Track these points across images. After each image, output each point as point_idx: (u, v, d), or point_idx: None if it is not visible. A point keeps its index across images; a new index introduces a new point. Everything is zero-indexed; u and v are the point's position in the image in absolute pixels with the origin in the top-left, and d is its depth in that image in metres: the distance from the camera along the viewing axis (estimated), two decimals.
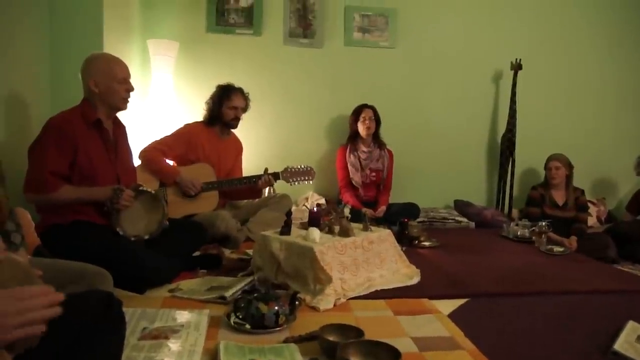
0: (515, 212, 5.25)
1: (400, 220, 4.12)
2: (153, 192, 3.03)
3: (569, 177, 4.68)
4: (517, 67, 5.33)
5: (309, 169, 4.09)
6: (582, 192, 4.73)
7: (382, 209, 4.73)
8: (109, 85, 2.83)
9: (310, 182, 4.12)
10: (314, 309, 2.52)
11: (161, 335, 2.04)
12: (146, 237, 2.94)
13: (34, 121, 3.17)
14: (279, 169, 4.05)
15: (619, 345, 2.14)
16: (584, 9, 5.65)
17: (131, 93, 2.96)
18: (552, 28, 5.62)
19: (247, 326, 2.21)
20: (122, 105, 2.94)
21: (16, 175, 2.72)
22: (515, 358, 2.07)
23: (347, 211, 3.26)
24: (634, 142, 5.67)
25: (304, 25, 5.21)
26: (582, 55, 5.69)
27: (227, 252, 3.57)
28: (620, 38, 5.73)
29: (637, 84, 5.80)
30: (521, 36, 5.56)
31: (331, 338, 2.01)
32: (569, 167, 4.68)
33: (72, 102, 2.90)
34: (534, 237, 4.28)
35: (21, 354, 1.04)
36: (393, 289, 2.89)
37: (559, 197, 4.66)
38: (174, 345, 1.96)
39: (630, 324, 2.38)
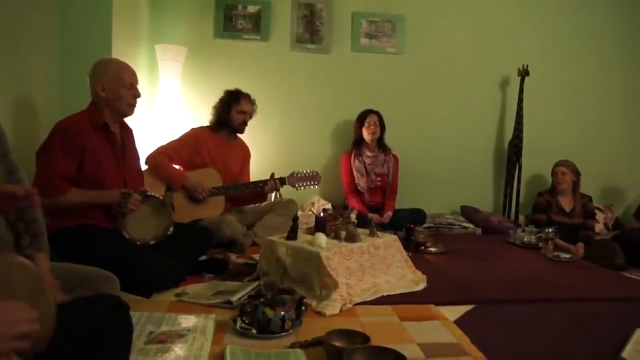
0: (522, 219, 5.24)
1: (407, 225, 4.12)
2: (160, 197, 3.05)
3: (575, 184, 4.69)
4: (524, 73, 5.33)
5: (314, 173, 4.11)
6: (590, 199, 4.73)
7: (389, 214, 4.73)
8: (116, 91, 2.86)
9: (316, 186, 4.15)
10: (320, 314, 2.52)
11: (167, 339, 2.04)
12: (152, 242, 2.95)
13: (42, 125, 3.19)
14: (285, 174, 4.07)
15: (627, 354, 2.13)
16: (591, 16, 5.65)
17: (138, 99, 2.98)
18: (559, 34, 5.62)
19: (253, 331, 2.21)
20: (128, 111, 2.96)
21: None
22: None
23: (353, 216, 3.25)
24: None
25: (311, 31, 5.23)
26: (589, 62, 5.68)
27: (233, 257, 3.58)
28: (627, 45, 5.72)
29: None
30: (528, 42, 5.56)
31: (337, 343, 2.00)
32: (576, 173, 4.68)
33: (81, 106, 2.93)
34: (540, 244, 4.26)
35: (30, 357, 1.05)
36: (399, 294, 2.89)
37: (565, 203, 4.65)
38: (180, 349, 1.96)
39: (639, 332, 2.37)
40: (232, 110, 4.14)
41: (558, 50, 5.63)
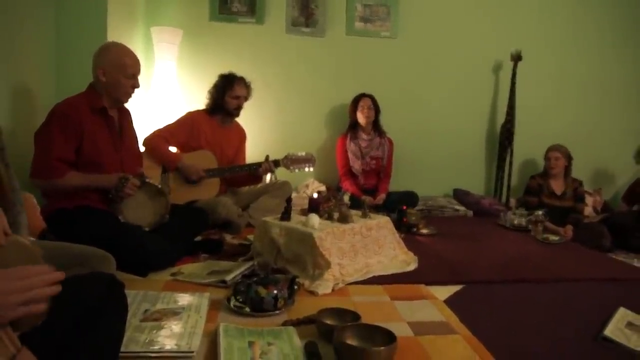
0: (513, 202, 5.30)
1: (399, 207, 4.16)
2: (158, 185, 3.07)
3: (567, 168, 4.77)
4: (516, 57, 5.35)
5: (309, 156, 4.13)
6: (581, 183, 4.80)
7: (382, 196, 4.77)
8: (116, 78, 2.88)
9: (311, 169, 4.16)
10: (313, 293, 2.57)
11: (163, 317, 2.09)
12: (146, 228, 2.98)
13: (40, 109, 3.20)
14: (280, 156, 4.10)
15: (608, 331, 2.20)
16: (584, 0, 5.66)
17: (136, 89, 3.00)
18: (552, 18, 5.62)
19: (247, 309, 2.26)
20: (125, 99, 2.99)
21: (23, 160, 2.76)
22: (508, 343, 2.11)
23: (346, 198, 3.29)
24: (633, 134, 5.70)
25: (306, 14, 5.22)
26: (582, 47, 5.70)
27: (228, 238, 3.61)
28: (621, 29, 5.74)
29: (637, 75, 5.82)
30: (521, 27, 5.57)
31: (328, 322, 2.05)
32: (568, 158, 4.75)
33: (77, 90, 2.94)
34: (530, 226, 4.33)
35: (26, 332, 1.08)
36: (391, 275, 2.94)
37: (557, 187, 4.72)
38: (175, 326, 2.00)
39: (621, 311, 2.44)
40: (226, 96, 4.15)
41: (550, 35, 5.64)
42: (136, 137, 3.26)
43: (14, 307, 0.98)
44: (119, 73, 2.88)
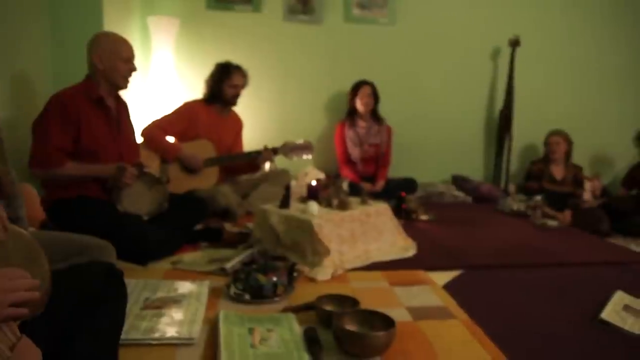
0: (512, 187, 5.31)
1: (398, 194, 4.17)
2: (156, 175, 3.09)
3: (568, 153, 4.78)
4: (514, 43, 5.33)
5: (307, 143, 4.13)
6: (581, 169, 4.84)
7: (381, 183, 4.78)
8: (113, 63, 2.88)
9: (309, 156, 4.16)
10: (312, 280, 2.59)
11: (163, 305, 2.11)
12: (145, 217, 3.00)
13: (37, 98, 3.20)
14: (278, 144, 4.10)
15: (606, 314, 2.22)
16: None
17: (133, 73, 3.01)
18: (550, 4, 5.59)
19: (247, 296, 2.28)
20: (123, 84, 2.99)
21: (21, 151, 2.77)
22: (506, 327, 2.13)
23: (345, 185, 3.30)
24: (631, 118, 5.69)
25: (303, 1, 5.20)
26: (580, 31, 5.67)
27: (227, 226, 3.62)
28: (619, 14, 5.71)
29: (635, 60, 5.80)
30: (519, 12, 5.54)
31: (328, 308, 2.07)
32: (569, 143, 4.78)
33: (74, 79, 2.95)
34: (529, 211, 4.34)
35: (25, 321, 1.08)
36: (390, 261, 2.97)
37: (557, 172, 4.74)
38: (175, 314, 2.02)
39: (618, 294, 2.46)
40: (223, 85, 4.14)
41: (549, 20, 5.61)
42: (134, 131, 3.26)
43: (4, 306, 0.99)
44: (115, 58, 2.89)
